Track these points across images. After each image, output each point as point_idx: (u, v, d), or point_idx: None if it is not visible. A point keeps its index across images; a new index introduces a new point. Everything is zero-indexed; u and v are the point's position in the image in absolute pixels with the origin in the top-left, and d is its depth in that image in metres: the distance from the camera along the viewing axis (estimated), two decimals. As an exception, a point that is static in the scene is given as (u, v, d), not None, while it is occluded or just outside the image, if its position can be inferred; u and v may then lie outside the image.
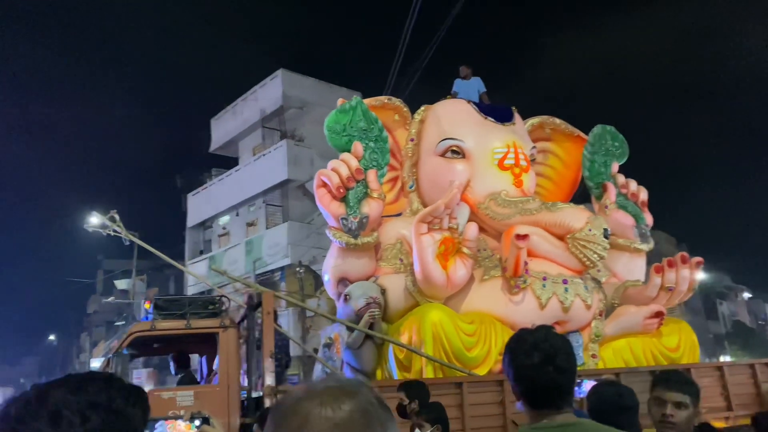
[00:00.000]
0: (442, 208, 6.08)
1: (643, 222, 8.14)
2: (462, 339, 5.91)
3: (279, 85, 29.41)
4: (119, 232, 7.69)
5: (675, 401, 2.51)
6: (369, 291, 6.59)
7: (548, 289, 6.50)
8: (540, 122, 8.89)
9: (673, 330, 7.08)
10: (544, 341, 1.88)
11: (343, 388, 1.02)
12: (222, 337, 6.01)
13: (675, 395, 2.52)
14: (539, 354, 1.84)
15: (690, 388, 2.57)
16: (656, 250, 32.08)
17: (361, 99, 7.41)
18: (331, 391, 1.01)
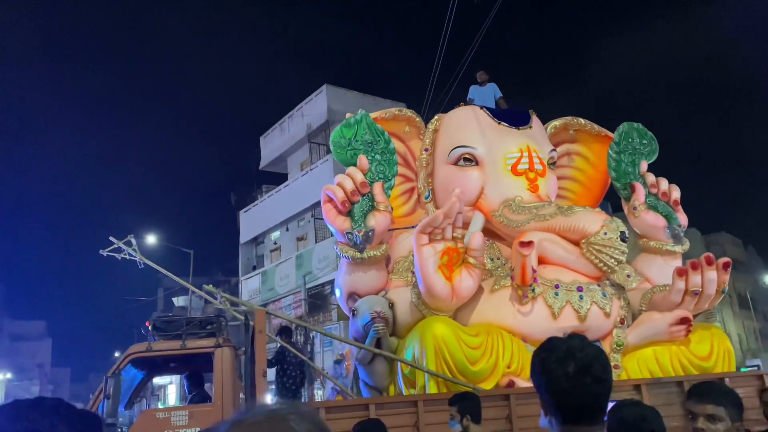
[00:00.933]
0: (441, 218, 5.91)
1: (676, 222, 7.67)
2: (465, 352, 5.69)
3: (324, 100, 30.01)
4: (134, 256, 7.68)
5: (707, 414, 2.39)
6: (375, 305, 6.49)
7: (561, 298, 6.21)
8: (563, 124, 8.59)
9: (704, 336, 6.55)
10: (580, 350, 1.76)
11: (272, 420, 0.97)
12: (217, 356, 6.05)
13: (707, 407, 2.40)
14: (575, 363, 1.72)
15: (726, 399, 2.43)
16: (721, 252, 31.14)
17: (366, 113, 7.37)
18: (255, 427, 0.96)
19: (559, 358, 1.74)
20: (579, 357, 1.72)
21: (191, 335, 6.28)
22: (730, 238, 50.97)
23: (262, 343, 5.26)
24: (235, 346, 6.48)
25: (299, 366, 8.46)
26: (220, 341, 6.20)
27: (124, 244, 8.00)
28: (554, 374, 1.74)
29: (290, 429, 0.95)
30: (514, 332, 6.20)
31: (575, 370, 1.70)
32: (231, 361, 6.13)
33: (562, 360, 1.73)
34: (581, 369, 1.70)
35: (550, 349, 1.82)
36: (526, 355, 6.01)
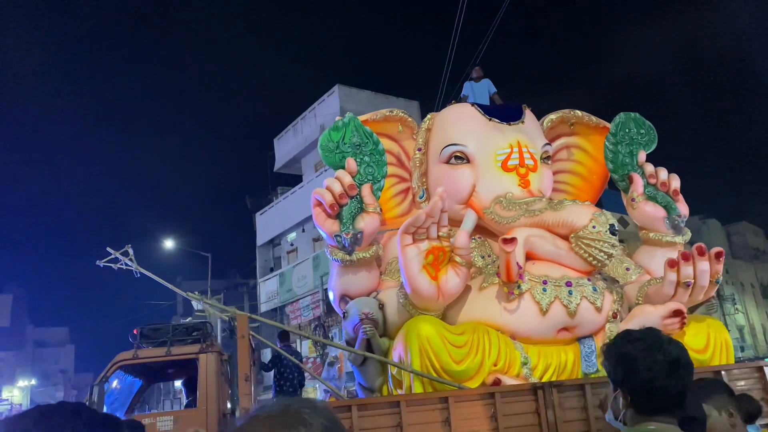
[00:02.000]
0: (424, 218, 5.87)
1: (676, 212, 7.54)
2: (450, 351, 5.66)
3: (336, 101, 30.14)
4: (130, 266, 7.75)
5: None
6: (364, 307, 6.51)
7: (549, 294, 6.15)
8: (560, 117, 8.49)
9: (701, 329, 6.43)
10: (668, 342, 1.82)
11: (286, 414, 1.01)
12: (201, 362, 6.14)
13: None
14: (664, 356, 1.76)
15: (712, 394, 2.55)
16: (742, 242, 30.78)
17: (353, 115, 7.37)
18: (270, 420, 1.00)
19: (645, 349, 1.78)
20: (669, 349, 1.77)
21: (178, 342, 6.39)
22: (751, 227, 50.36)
23: (244, 347, 5.30)
24: (221, 352, 6.54)
25: (297, 368, 8.49)
26: (204, 347, 6.25)
27: (121, 254, 8.05)
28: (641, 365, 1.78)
29: (304, 422, 0.99)
30: (502, 330, 6.15)
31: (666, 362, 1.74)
32: (215, 366, 6.22)
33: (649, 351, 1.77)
34: (672, 361, 1.74)
35: (630, 340, 1.86)
36: (514, 353, 5.98)
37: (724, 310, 41.43)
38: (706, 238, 45.89)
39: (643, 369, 1.75)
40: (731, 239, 48.11)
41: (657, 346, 1.79)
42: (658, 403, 1.75)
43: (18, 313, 46.60)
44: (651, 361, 1.75)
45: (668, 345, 1.77)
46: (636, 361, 1.78)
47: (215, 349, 6.43)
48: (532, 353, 6.07)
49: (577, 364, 6.21)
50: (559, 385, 5.37)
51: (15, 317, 46.03)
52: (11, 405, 33.93)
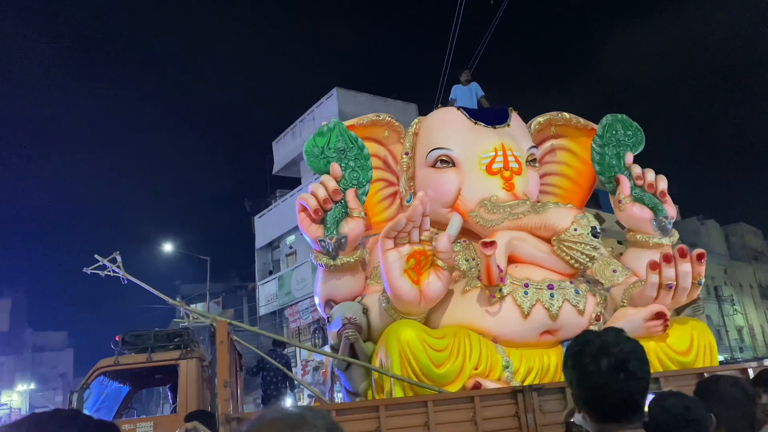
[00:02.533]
0: (404, 222, 5.89)
1: (662, 214, 7.53)
2: (430, 355, 5.67)
3: (335, 103, 30.21)
4: (118, 272, 7.77)
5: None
6: (347, 312, 6.55)
7: (531, 297, 6.16)
8: (547, 120, 8.51)
9: (684, 331, 6.42)
10: (615, 345, 1.75)
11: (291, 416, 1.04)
12: (181, 368, 6.20)
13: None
14: (609, 359, 1.70)
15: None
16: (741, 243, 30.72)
17: (338, 120, 7.42)
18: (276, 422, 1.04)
19: (593, 353, 1.73)
20: (613, 352, 1.71)
21: (159, 348, 6.44)
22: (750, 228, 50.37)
23: (223, 353, 5.31)
24: (202, 357, 6.58)
25: (283, 372, 8.51)
26: (183, 353, 6.31)
27: (109, 260, 8.07)
28: (586, 369, 1.74)
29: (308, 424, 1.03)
30: (484, 333, 6.16)
31: (609, 365, 1.68)
32: (196, 371, 6.26)
33: (595, 354, 1.72)
34: (615, 365, 1.68)
35: (582, 343, 1.82)
36: (496, 357, 5.98)
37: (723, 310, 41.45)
38: (705, 238, 45.89)
39: (590, 372, 1.73)
40: (730, 240, 48.11)
41: (605, 348, 1.74)
42: (610, 409, 1.71)
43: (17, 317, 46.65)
44: (597, 364, 1.72)
45: (617, 347, 1.72)
46: (584, 364, 1.76)
47: (195, 355, 6.48)
48: (514, 356, 6.08)
49: (559, 368, 6.18)
50: (539, 389, 5.38)
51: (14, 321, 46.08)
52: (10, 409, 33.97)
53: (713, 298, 42.54)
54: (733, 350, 41.15)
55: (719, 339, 41.92)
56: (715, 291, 42.79)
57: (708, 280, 43.95)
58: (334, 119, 7.40)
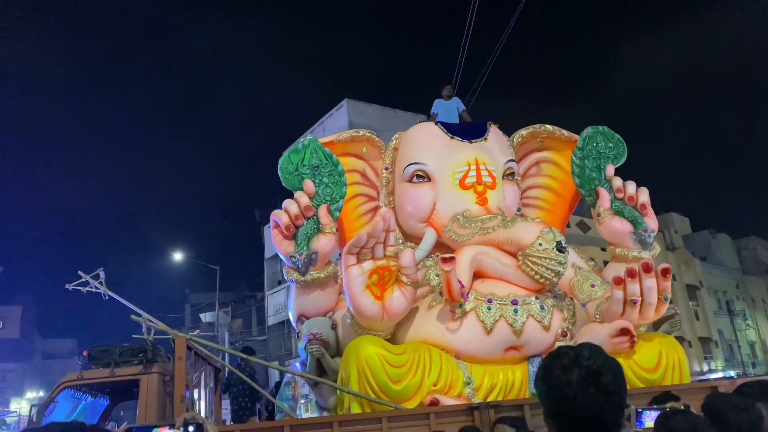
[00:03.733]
0: (365, 238, 5.88)
1: (642, 227, 7.42)
2: (388, 371, 5.64)
3: (345, 115, 30.32)
4: (99, 289, 7.86)
5: None
6: (314, 327, 6.59)
7: (494, 312, 6.12)
8: (531, 132, 8.47)
9: (652, 347, 6.29)
10: (587, 358, 1.68)
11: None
12: (142, 383, 6.30)
13: None
14: (579, 371, 1.63)
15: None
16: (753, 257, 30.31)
17: (314, 138, 7.48)
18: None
19: (564, 365, 1.67)
20: (585, 365, 1.65)
21: (125, 363, 6.55)
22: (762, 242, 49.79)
23: (181, 369, 5.38)
24: (164, 373, 6.64)
25: (249, 389, 8.52)
26: (144, 369, 6.46)
27: (92, 277, 8.14)
28: (556, 381, 1.67)
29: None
30: (447, 349, 6.13)
31: (579, 377, 1.62)
32: (157, 387, 6.35)
33: (566, 367, 1.66)
34: (586, 377, 1.62)
35: (555, 356, 1.75)
36: (457, 373, 5.95)
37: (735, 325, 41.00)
38: (717, 252, 45.49)
39: (559, 383, 1.66)
40: (742, 254, 47.60)
41: (577, 360, 1.68)
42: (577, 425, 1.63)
43: (27, 324, 47.13)
44: (567, 375, 1.65)
45: (590, 360, 1.65)
46: (554, 375, 1.69)
47: (156, 370, 6.56)
48: (477, 373, 6.04)
49: (524, 384, 6.14)
50: (496, 406, 5.33)
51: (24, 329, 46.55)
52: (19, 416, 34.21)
53: (725, 312, 42.12)
54: (746, 365, 40.69)
55: (731, 354, 41.48)
56: (727, 305, 42.34)
57: (720, 295, 43.55)
58: (310, 137, 7.47)
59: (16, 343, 44.21)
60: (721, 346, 40.77)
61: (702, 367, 37.61)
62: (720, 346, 40.63)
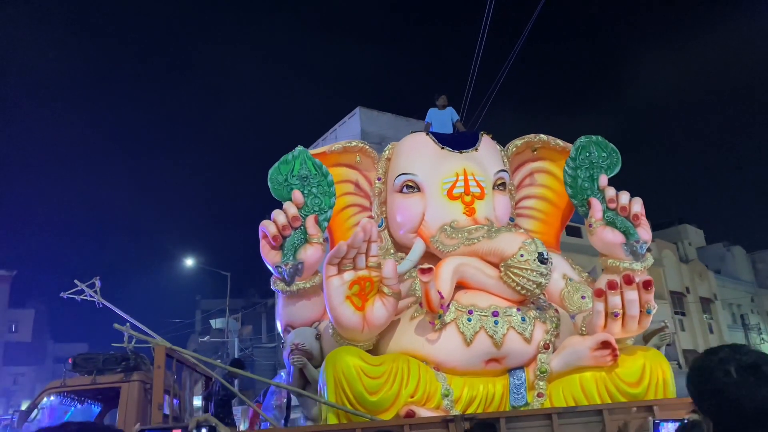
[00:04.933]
0: (344, 249, 5.89)
1: (634, 238, 7.27)
2: (365, 383, 5.63)
3: (357, 123, 30.23)
4: (94, 297, 7.96)
5: None
6: (297, 338, 6.62)
7: (474, 324, 6.08)
8: (525, 142, 8.43)
9: (636, 361, 6.16)
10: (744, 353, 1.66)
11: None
12: (123, 390, 6.38)
13: None
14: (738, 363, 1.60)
15: None
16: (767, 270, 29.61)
17: (303, 148, 7.48)
18: None
19: (721, 359, 1.65)
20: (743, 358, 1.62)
21: (108, 371, 6.63)
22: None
23: (159, 378, 5.41)
24: (145, 381, 6.68)
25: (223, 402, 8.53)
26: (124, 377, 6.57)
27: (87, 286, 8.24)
28: (715, 376, 1.63)
29: None
30: (427, 360, 6.11)
31: (739, 369, 1.59)
32: (137, 394, 6.40)
33: (724, 361, 1.64)
34: (747, 369, 1.59)
35: (708, 353, 1.74)
36: (435, 384, 5.92)
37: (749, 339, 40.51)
38: (731, 265, 44.96)
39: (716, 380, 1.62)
40: (757, 267, 46.94)
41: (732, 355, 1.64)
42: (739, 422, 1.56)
43: (39, 328, 47.52)
44: (724, 369, 1.61)
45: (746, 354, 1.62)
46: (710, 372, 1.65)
47: (137, 378, 6.62)
48: (456, 384, 6.00)
49: (505, 397, 6.09)
50: (471, 418, 5.30)
51: (36, 333, 46.94)
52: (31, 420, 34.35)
53: (740, 326, 41.63)
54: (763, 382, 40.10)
55: (746, 368, 40.98)
56: (741, 319, 41.79)
57: (734, 308, 43.03)
58: (300, 147, 7.45)
59: (29, 346, 44.58)
60: (735, 360, 40.30)
61: (716, 381, 37.18)
62: (734, 360, 40.18)
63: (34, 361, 42.64)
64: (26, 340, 45.50)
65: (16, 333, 45.70)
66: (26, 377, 42.14)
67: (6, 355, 43.69)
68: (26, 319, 46.44)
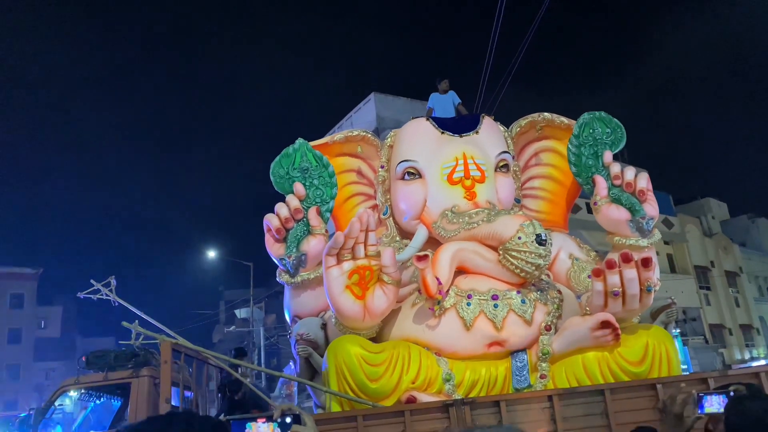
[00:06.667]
0: (342, 239, 5.92)
1: (640, 214, 7.12)
2: (366, 370, 5.69)
3: (372, 108, 30.25)
4: (109, 296, 8.14)
5: None
6: (302, 328, 6.69)
7: (474, 308, 6.10)
8: (529, 122, 8.30)
9: (639, 339, 6.09)
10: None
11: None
12: (133, 386, 6.59)
13: None
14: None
15: None
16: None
17: (304, 141, 7.52)
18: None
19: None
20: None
21: (120, 367, 6.83)
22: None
23: (166, 372, 5.54)
24: (154, 376, 6.84)
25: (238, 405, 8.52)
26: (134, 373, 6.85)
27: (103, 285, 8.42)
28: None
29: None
30: (429, 346, 6.15)
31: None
32: (147, 389, 6.61)
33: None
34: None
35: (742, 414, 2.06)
36: (436, 369, 5.96)
37: (776, 312, 40.10)
38: (756, 237, 44.37)
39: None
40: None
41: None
42: None
43: (67, 324, 48.43)
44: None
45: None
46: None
47: (147, 373, 6.82)
48: (458, 369, 6.03)
49: (508, 379, 6.11)
50: (471, 402, 5.34)
51: (65, 328, 47.84)
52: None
53: (766, 298, 41.23)
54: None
55: (774, 341, 40.55)
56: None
57: (761, 281, 42.54)
58: (300, 140, 7.50)
59: (58, 342, 45.62)
60: (763, 333, 39.89)
61: (743, 355, 36.80)
62: (762, 333, 39.75)
63: (63, 356, 43.41)
64: (55, 336, 46.50)
65: (46, 329, 46.72)
66: (57, 372, 42.92)
67: (37, 351, 44.66)
68: (54, 315, 47.42)
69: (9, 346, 44.35)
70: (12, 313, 44.90)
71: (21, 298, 45.82)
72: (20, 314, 45.17)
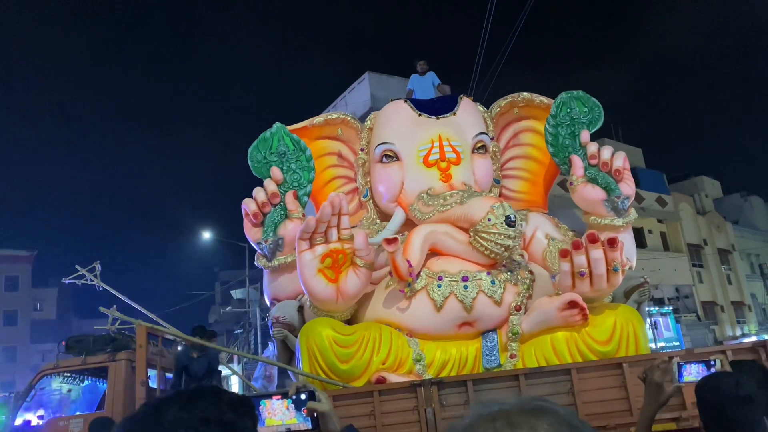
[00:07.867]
0: (313, 224, 5.97)
1: (615, 193, 7.18)
2: (336, 352, 5.79)
3: (367, 88, 29.96)
4: (93, 281, 8.14)
5: None
6: (279, 311, 6.79)
7: (444, 289, 6.18)
8: (509, 102, 8.27)
9: (607, 318, 6.15)
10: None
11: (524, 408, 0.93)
12: (110, 370, 6.67)
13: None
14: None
15: None
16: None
17: (281, 125, 7.52)
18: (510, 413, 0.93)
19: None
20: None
21: (99, 351, 6.91)
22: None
23: (141, 356, 5.63)
24: (131, 360, 6.93)
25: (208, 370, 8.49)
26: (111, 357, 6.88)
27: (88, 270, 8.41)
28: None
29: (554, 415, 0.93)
30: (401, 327, 6.25)
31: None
32: (124, 373, 6.66)
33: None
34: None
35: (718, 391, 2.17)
36: (407, 350, 6.07)
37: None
38: (749, 215, 44.49)
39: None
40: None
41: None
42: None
43: (63, 306, 48.51)
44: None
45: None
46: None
47: (124, 357, 6.92)
48: (429, 350, 6.13)
49: (478, 359, 6.21)
50: (439, 382, 5.43)
51: (60, 310, 47.97)
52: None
53: (758, 276, 41.39)
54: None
55: (765, 318, 40.80)
56: (760, 269, 41.51)
57: (753, 258, 42.70)
58: (277, 124, 7.50)
59: (54, 323, 45.79)
60: (754, 310, 40.19)
61: (735, 331, 37.08)
62: (753, 310, 40.06)
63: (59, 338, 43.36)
64: (51, 317, 46.70)
65: (41, 311, 46.88)
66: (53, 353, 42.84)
67: (33, 332, 44.81)
68: (50, 297, 47.55)
69: (5, 328, 44.58)
70: (7, 295, 45.04)
71: (16, 281, 45.91)
72: (16, 296, 45.33)
